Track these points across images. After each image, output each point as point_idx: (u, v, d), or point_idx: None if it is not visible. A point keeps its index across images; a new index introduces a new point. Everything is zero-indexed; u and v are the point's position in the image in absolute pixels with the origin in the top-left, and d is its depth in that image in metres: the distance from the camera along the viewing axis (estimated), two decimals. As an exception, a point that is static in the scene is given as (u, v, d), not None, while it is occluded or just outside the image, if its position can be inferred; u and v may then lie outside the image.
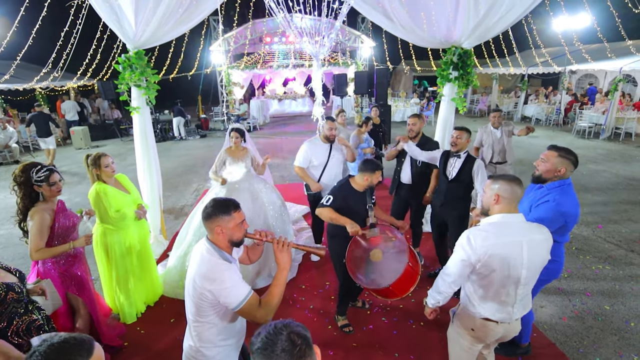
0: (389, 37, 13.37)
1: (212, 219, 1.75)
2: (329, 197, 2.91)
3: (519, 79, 16.72)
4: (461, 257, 1.93)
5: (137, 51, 4.04)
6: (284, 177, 7.85)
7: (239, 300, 1.67)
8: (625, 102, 11.68)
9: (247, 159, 4.08)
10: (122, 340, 3.11)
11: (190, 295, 1.75)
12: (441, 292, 2.07)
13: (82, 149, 11.43)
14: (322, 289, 3.88)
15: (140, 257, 3.35)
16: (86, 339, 1.13)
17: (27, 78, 11.36)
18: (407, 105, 14.39)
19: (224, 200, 1.81)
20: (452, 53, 4.39)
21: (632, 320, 3.31)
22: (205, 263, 1.71)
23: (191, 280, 1.73)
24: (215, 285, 1.65)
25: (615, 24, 9.07)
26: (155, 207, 4.57)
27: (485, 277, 1.94)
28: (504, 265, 1.88)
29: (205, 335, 1.77)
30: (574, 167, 2.47)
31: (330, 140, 4.09)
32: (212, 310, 1.72)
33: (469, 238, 1.91)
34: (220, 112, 14.79)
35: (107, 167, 3.08)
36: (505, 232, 1.90)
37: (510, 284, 1.93)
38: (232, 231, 1.76)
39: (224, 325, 1.78)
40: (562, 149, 2.49)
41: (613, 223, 5.28)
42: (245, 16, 13.83)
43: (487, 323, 2.04)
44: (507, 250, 1.87)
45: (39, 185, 2.49)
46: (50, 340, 1.08)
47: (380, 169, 2.87)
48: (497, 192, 1.95)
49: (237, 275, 1.73)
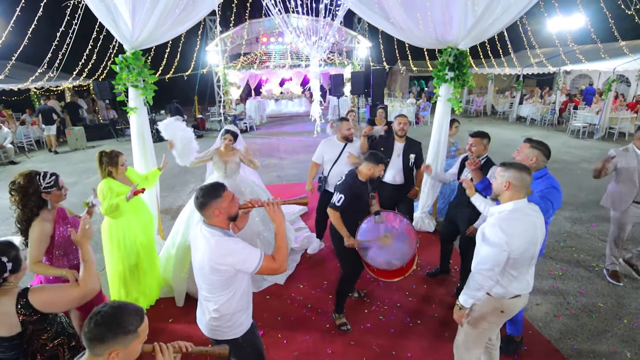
0: (385, 37, 13.42)
1: (208, 205, 1.90)
2: (340, 196, 3.00)
3: (514, 79, 16.82)
4: (496, 246, 2.03)
5: (135, 51, 4.03)
6: (281, 177, 7.86)
7: (256, 262, 1.89)
8: (618, 103, 11.80)
9: (233, 159, 4.00)
10: None
11: (204, 277, 1.92)
12: (482, 286, 2.12)
13: (77, 149, 11.37)
14: (320, 287, 3.90)
15: (146, 251, 3.41)
16: (140, 307, 1.38)
17: (22, 78, 11.26)
18: (404, 105, 14.41)
19: (210, 185, 1.97)
20: (448, 54, 4.42)
21: (625, 317, 3.37)
22: (214, 244, 1.86)
23: (204, 263, 1.88)
24: (231, 258, 1.85)
25: (609, 25, 9.18)
26: (153, 207, 4.57)
27: (516, 260, 2.08)
28: (530, 245, 2.09)
29: (228, 304, 1.95)
30: (545, 156, 2.72)
31: (349, 139, 4.11)
32: (233, 281, 1.92)
33: (500, 226, 2.03)
34: (217, 112, 14.76)
35: (123, 166, 3.23)
36: (523, 216, 2.09)
37: (529, 260, 2.15)
38: (228, 208, 1.94)
39: (241, 292, 2.00)
40: (534, 140, 2.79)
41: (606, 222, 5.31)
42: (242, 16, 13.83)
43: (515, 300, 2.21)
44: (530, 231, 2.08)
45: (48, 192, 2.38)
46: (111, 304, 1.33)
47: (384, 163, 3.07)
48: (508, 180, 2.11)
49: (244, 243, 1.92)
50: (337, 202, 2.99)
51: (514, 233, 2.02)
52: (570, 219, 5.45)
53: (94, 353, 1.28)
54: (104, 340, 1.26)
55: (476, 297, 2.16)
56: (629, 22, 9.23)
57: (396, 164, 4.14)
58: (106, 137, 12.94)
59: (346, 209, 2.99)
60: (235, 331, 2.03)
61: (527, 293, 2.26)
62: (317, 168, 4.32)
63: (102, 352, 1.27)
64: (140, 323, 1.34)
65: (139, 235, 3.33)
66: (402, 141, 4.05)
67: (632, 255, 4.01)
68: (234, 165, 4.01)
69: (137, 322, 1.33)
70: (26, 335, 1.66)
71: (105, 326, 1.27)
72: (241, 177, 4.19)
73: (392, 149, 4.18)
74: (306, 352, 3.03)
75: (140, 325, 1.34)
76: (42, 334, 1.73)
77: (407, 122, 4.07)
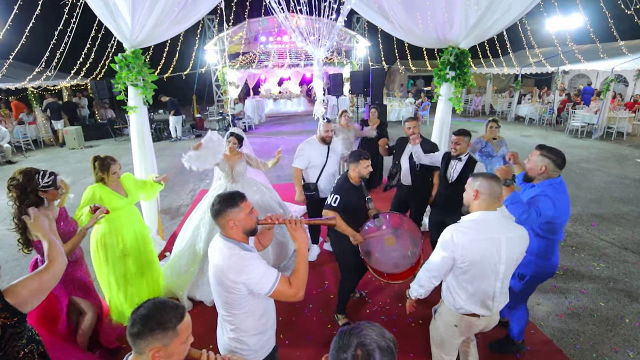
0: (384, 36, 13.42)
1: (222, 214, 1.77)
2: (335, 197, 2.91)
3: (513, 79, 16.85)
4: (443, 252, 2.02)
5: (134, 50, 4.01)
6: (281, 176, 7.84)
7: (271, 284, 1.72)
8: (616, 102, 11.84)
9: (240, 163, 3.91)
10: (119, 342, 3.09)
11: (219, 293, 1.79)
12: (423, 285, 2.15)
13: (75, 149, 11.31)
14: (321, 288, 3.89)
15: (138, 259, 3.31)
16: (180, 305, 1.36)
17: (19, 77, 11.17)
18: (402, 105, 14.41)
19: (228, 194, 1.83)
20: (450, 53, 4.42)
21: (627, 316, 3.37)
22: (228, 258, 1.74)
23: (218, 278, 1.76)
24: (244, 276, 1.70)
25: (608, 25, 9.20)
26: (153, 207, 4.55)
27: (466, 272, 2.03)
28: (484, 260, 1.97)
29: (244, 325, 1.82)
30: (556, 166, 2.48)
31: (327, 142, 4.07)
32: (246, 301, 1.77)
33: (452, 235, 1.99)
34: (215, 111, 14.71)
35: (115, 174, 3.06)
36: (485, 228, 2.00)
37: (490, 279, 2.03)
38: (244, 221, 1.80)
39: (260, 312, 1.85)
40: (545, 147, 2.54)
41: (607, 221, 5.36)
42: (241, 15, 13.79)
43: (470, 318, 2.14)
44: (486, 246, 1.97)
45: (45, 191, 2.38)
46: (152, 300, 1.32)
47: (364, 158, 2.89)
48: (476, 189, 2.05)
49: (262, 261, 1.78)
50: (333, 203, 2.90)
51: (463, 243, 1.95)
52: (570, 218, 5.44)
53: (136, 351, 1.29)
54: (142, 337, 1.26)
55: (419, 292, 2.19)
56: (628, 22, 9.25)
57: (404, 165, 4.10)
58: (104, 137, 12.87)
59: (342, 213, 2.87)
60: (254, 355, 1.89)
61: (490, 317, 2.15)
62: (302, 174, 4.17)
63: (143, 350, 1.27)
64: (179, 320, 1.31)
65: (130, 243, 3.22)
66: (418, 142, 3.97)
67: None
68: (241, 169, 3.91)
69: (177, 319, 1.30)
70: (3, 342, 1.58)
71: (143, 322, 1.26)
72: (248, 180, 4.08)
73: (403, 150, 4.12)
74: (308, 353, 3.01)
75: (179, 323, 1.31)
76: (17, 339, 1.65)
77: (416, 124, 3.95)
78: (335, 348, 1.10)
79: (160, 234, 4.80)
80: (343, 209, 2.89)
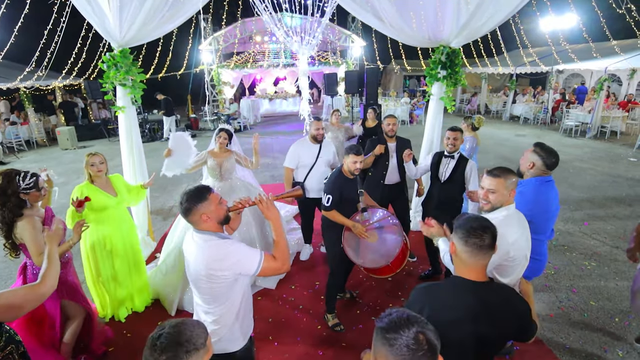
0: (379, 36, 13.41)
1: (193, 211, 1.76)
2: (328, 197, 2.97)
3: (508, 78, 16.89)
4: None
5: (122, 49, 3.97)
6: (275, 176, 7.81)
7: (257, 262, 1.76)
8: (610, 102, 11.90)
9: (229, 160, 3.87)
10: (106, 346, 3.05)
11: (202, 288, 1.79)
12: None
13: (68, 149, 11.22)
14: (312, 289, 3.86)
15: (125, 260, 3.29)
16: (199, 321, 1.31)
17: (10, 77, 11.06)
18: (398, 104, 14.41)
19: (194, 189, 1.82)
20: (441, 52, 4.40)
21: (617, 315, 3.37)
22: (208, 249, 1.74)
23: (199, 273, 1.75)
24: (228, 262, 1.72)
25: (601, 25, 9.24)
26: (143, 208, 4.50)
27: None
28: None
29: (229, 314, 1.85)
30: (545, 165, 2.46)
31: (318, 140, 4.07)
32: (233, 288, 1.80)
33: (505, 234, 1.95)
34: (209, 111, 14.64)
35: (93, 166, 3.06)
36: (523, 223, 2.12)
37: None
38: (216, 212, 1.80)
39: (241, 298, 1.89)
40: (541, 145, 2.53)
41: (599, 220, 5.37)
42: (235, 15, 13.74)
43: None
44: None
45: (27, 193, 2.34)
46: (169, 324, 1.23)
47: (354, 152, 2.93)
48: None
49: (241, 244, 1.80)
50: (327, 203, 2.98)
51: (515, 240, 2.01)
52: (562, 217, 5.46)
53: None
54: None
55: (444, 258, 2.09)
56: (620, 22, 9.31)
57: (390, 164, 4.10)
58: (98, 137, 12.79)
59: (339, 207, 2.99)
60: (233, 345, 1.91)
61: None
62: (292, 174, 4.17)
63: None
64: (206, 335, 1.27)
65: (118, 244, 3.20)
66: (392, 141, 4.02)
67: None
68: (229, 166, 3.86)
69: (204, 335, 1.26)
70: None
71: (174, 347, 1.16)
72: (237, 179, 4.05)
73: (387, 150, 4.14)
74: (297, 354, 2.99)
75: (207, 338, 1.27)
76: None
77: (396, 122, 4.02)
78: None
79: (150, 235, 4.75)
80: (340, 203, 2.96)
